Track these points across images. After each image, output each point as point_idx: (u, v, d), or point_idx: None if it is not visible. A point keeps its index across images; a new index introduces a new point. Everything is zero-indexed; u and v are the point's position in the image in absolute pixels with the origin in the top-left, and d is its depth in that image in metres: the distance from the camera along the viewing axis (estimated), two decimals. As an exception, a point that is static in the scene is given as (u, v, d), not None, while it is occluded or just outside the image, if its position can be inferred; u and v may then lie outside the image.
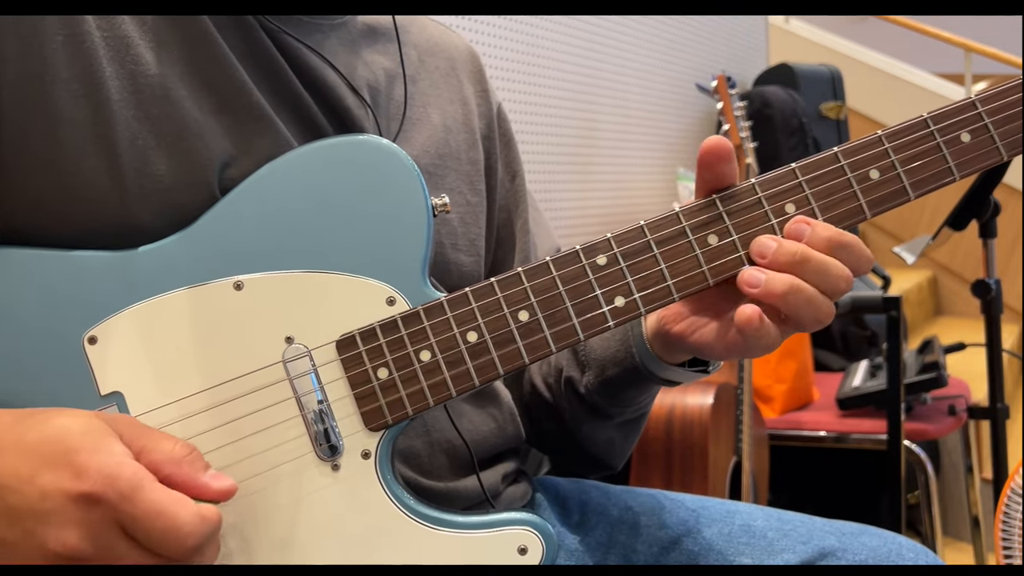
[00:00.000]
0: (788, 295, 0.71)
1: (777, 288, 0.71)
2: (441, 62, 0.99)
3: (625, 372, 0.90)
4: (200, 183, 0.74)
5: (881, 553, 0.89)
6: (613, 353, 0.91)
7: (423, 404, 0.72)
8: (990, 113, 0.76)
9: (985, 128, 0.76)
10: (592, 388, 0.94)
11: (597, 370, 0.93)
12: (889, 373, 2.16)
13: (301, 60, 0.82)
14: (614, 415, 0.97)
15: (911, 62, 5.01)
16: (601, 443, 1.01)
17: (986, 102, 0.76)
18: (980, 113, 0.76)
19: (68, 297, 0.70)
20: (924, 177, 0.76)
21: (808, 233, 0.73)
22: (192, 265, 0.72)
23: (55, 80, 0.71)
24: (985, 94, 0.77)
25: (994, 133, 0.76)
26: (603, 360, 0.93)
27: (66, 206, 0.71)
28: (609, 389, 0.93)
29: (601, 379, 0.93)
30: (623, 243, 0.75)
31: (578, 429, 1.00)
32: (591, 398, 0.95)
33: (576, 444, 1.02)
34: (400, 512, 0.72)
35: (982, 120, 0.76)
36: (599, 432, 1.00)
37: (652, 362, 0.88)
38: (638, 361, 0.89)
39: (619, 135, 3.07)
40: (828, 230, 0.73)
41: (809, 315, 0.72)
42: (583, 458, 1.04)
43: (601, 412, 0.96)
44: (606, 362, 0.92)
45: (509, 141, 1.05)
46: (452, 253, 0.91)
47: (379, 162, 0.75)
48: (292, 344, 0.72)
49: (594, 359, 0.94)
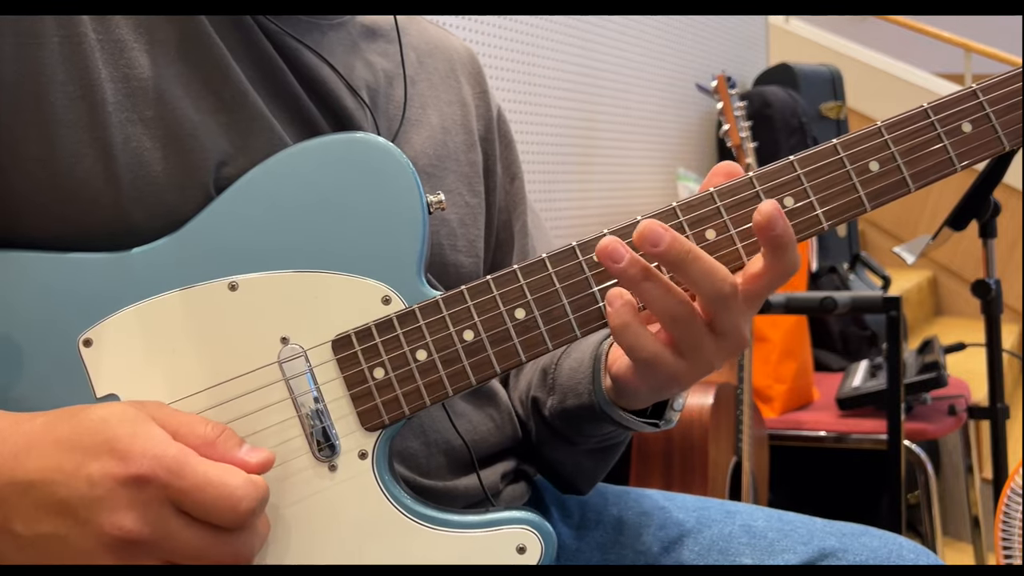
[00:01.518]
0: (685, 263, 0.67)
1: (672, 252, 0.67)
2: (440, 64, 0.99)
3: (582, 407, 0.87)
4: (196, 183, 0.74)
5: (881, 554, 0.89)
6: (575, 384, 0.88)
7: (420, 403, 0.72)
8: (992, 102, 0.75)
9: (987, 118, 0.75)
10: (554, 413, 0.92)
11: (560, 396, 0.91)
12: (889, 373, 2.16)
13: (299, 60, 0.82)
14: (578, 443, 0.93)
15: (911, 62, 5.01)
16: (568, 466, 0.98)
17: (987, 91, 0.75)
18: (982, 102, 0.75)
19: (63, 299, 0.70)
20: (924, 168, 0.74)
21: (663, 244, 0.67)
22: (186, 266, 0.72)
23: (51, 82, 0.70)
24: (986, 83, 0.75)
25: (996, 122, 0.74)
26: (566, 388, 0.89)
27: (61, 208, 0.71)
28: (569, 419, 0.90)
29: (562, 407, 0.90)
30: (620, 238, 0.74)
31: (543, 449, 0.98)
32: (553, 422, 0.93)
33: (545, 463, 1.00)
34: (398, 512, 0.72)
35: (984, 109, 0.75)
36: (565, 455, 0.97)
37: (607, 405, 0.84)
38: (594, 400, 0.85)
39: (619, 135, 3.07)
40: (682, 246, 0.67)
41: (710, 286, 0.67)
42: (554, 477, 1.01)
43: (563, 437, 0.94)
44: (568, 391, 0.89)
45: (509, 143, 1.05)
46: (451, 254, 0.91)
47: (373, 159, 0.75)
48: (288, 344, 0.72)
49: (559, 385, 0.91)
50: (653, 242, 0.66)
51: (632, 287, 0.68)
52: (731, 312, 0.69)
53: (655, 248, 0.66)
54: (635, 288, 0.67)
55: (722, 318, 0.69)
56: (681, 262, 0.67)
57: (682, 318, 0.68)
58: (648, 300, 0.68)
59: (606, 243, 0.67)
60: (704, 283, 0.67)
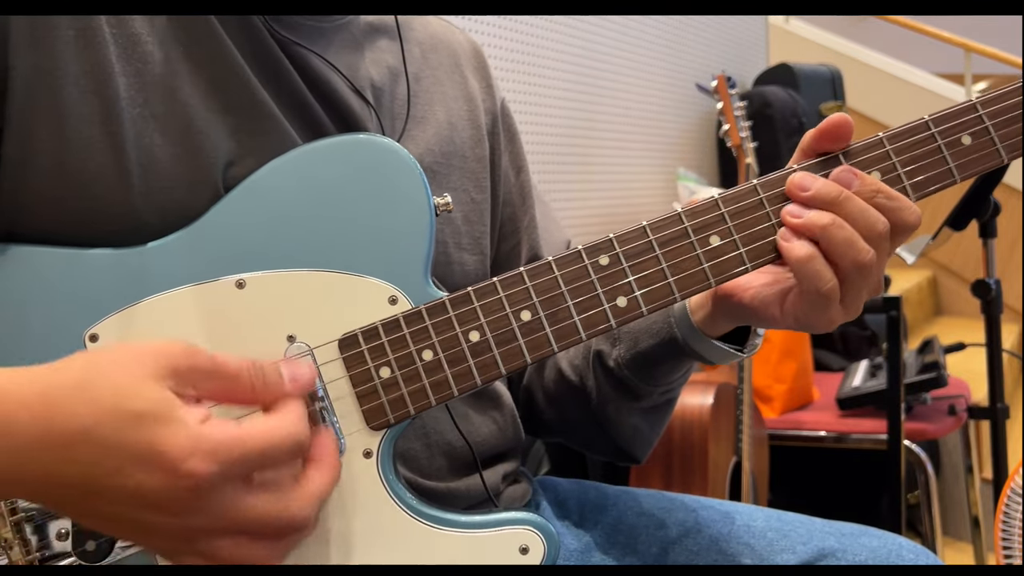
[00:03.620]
0: (830, 227, 0.72)
1: (818, 219, 0.73)
2: (444, 58, 0.99)
3: (661, 345, 0.90)
4: (205, 181, 0.74)
5: (881, 554, 0.89)
6: (650, 324, 0.90)
7: (425, 403, 0.73)
8: (991, 116, 0.77)
9: (986, 131, 0.77)
10: (623, 362, 0.93)
11: (630, 343, 0.92)
12: (889, 373, 2.16)
13: (304, 61, 0.82)
14: (642, 394, 0.95)
15: (911, 62, 5.01)
16: (626, 428, 0.99)
17: (987, 104, 0.77)
18: (981, 116, 0.77)
19: (70, 294, 0.70)
20: (925, 178, 0.76)
21: (856, 183, 0.74)
22: (194, 263, 0.72)
23: (65, 75, 0.71)
24: (986, 96, 0.77)
25: (995, 135, 0.77)
26: (637, 332, 0.91)
27: (72, 203, 0.71)
28: (641, 363, 0.92)
29: (634, 352, 0.92)
30: (625, 243, 0.75)
31: (603, 411, 0.98)
32: (620, 372, 0.93)
33: (601, 431, 1.00)
34: (402, 511, 0.72)
35: (983, 123, 0.77)
36: (624, 416, 0.98)
37: (691, 334, 0.87)
38: (676, 332, 0.88)
39: (619, 135, 3.07)
40: (875, 182, 0.74)
41: (850, 258, 0.73)
42: (608, 446, 1.02)
43: (629, 390, 0.95)
44: (640, 333, 0.91)
45: (513, 136, 1.05)
46: (456, 252, 0.91)
47: (381, 161, 0.75)
48: (294, 343, 0.72)
49: (627, 332, 0.92)
50: (802, 187, 0.74)
51: (832, 207, 0.73)
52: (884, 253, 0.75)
53: (805, 192, 0.74)
54: (835, 207, 0.73)
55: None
56: (834, 200, 0.73)
57: (877, 233, 0.73)
58: (850, 218, 0.73)
59: (795, 176, 0.75)
60: (861, 220, 0.73)
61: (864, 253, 0.73)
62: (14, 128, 0.70)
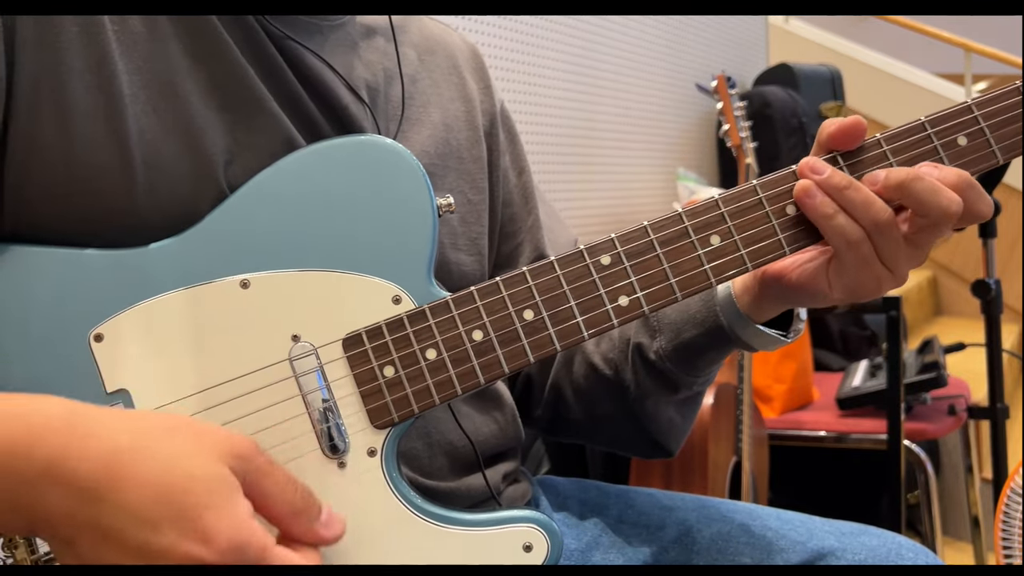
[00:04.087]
0: (847, 190, 0.74)
1: (896, 175, 0.74)
2: (441, 60, 0.99)
3: (705, 334, 0.90)
4: (207, 177, 0.74)
5: (880, 553, 0.89)
6: (693, 314, 0.90)
7: (429, 402, 0.73)
8: (986, 117, 0.78)
9: (981, 132, 0.78)
10: (664, 354, 0.92)
11: (671, 334, 0.92)
12: (889, 373, 2.16)
13: (300, 60, 0.82)
14: (682, 385, 0.94)
15: (911, 62, 5.01)
16: (663, 422, 0.99)
17: (982, 106, 0.78)
18: (976, 117, 0.78)
19: (74, 295, 0.71)
20: None
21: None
22: (198, 263, 0.72)
23: (70, 71, 0.71)
24: (981, 98, 0.78)
25: (990, 136, 0.78)
26: (679, 322, 0.91)
27: (76, 199, 0.71)
28: (684, 354, 0.92)
29: (676, 343, 0.91)
30: (627, 243, 0.76)
31: (642, 405, 0.97)
32: (662, 364, 0.93)
33: (637, 426, 0.99)
34: (406, 509, 0.72)
35: (979, 124, 0.78)
36: (661, 409, 0.97)
37: (738, 321, 0.87)
38: (722, 320, 0.88)
39: (619, 135, 3.08)
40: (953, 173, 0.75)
41: (870, 217, 0.74)
42: (642, 441, 1.01)
43: (669, 382, 0.94)
44: (683, 324, 0.91)
45: (514, 137, 1.05)
46: (452, 253, 0.91)
47: (385, 162, 0.76)
48: (298, 342, 0.72)
49: (668, 323, 0.92)
50: (817, 171, 0.75)
51: (836, 194, 0.74)
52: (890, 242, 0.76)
53: (819, 176, 0.75)
54: (838, 196, 0.74)
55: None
56: (843, 188, 0.74)
57: (884, 223, 0.74)
58: (850, 207, 0.74)
59: (807, 159, 0.76)
60: (864, 214, 0.74)
61: (882, 212, 0.74)
62: (20, 124, 0.70)
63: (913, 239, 0.76)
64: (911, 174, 0.74)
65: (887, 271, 0.76)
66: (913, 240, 0.76)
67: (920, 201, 0.73)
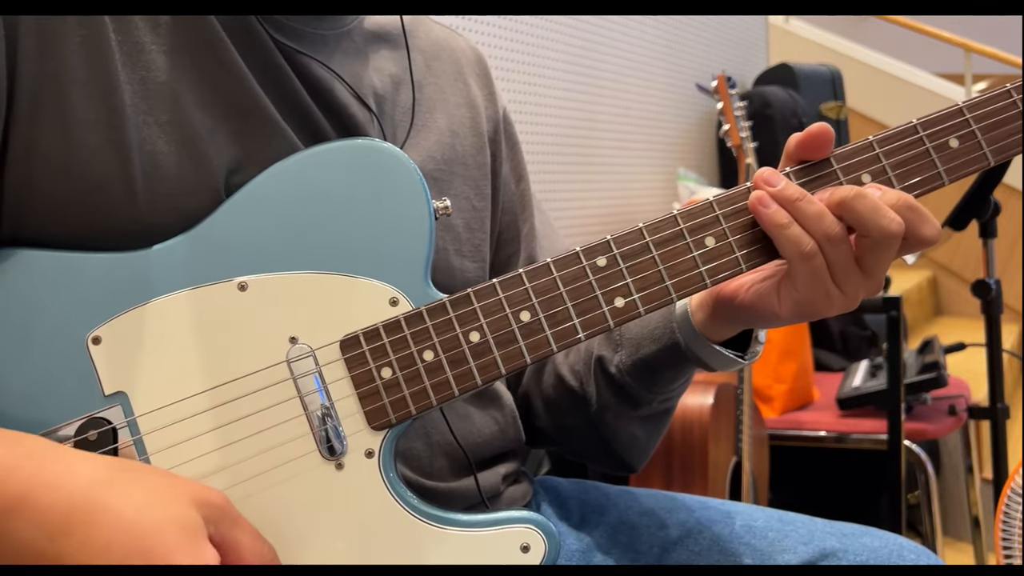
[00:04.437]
0: (800, 201, 0.74)
1: (840, 192, 0.74)
2: (447, 65, 0.99)
3: (663, 350, 0.89)
4: (208, 188, 0.74)
5: (882, 554, 0.89)
6: (652, 330, 0.90)
7: (426, 403, 0.73)
8: (977, 119, 0.78)
9: (973, 134, 0.78)
10: (624, 368, 0.93)
11: (631, 348, 0.92)
12: (889, 373, 2.16)
13: (307, 69, 0.82)
14: (642, 402, 0.95)
15: (911, 62, 5.01)
16: (624, 437, 0.99)
17: (973, 108, 0.78)
18: (968, 119, 0.78)
19: (72, 297, 0.71)
20: (914, 182, 0.78)
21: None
22: (196, 266, 0.72)
23: (72, 82, 0.71)
24: (972, 101, 0.79)
25: (981, 139, 0.78)
26: (638, 338, 0.91)
27: (76, 208, 0.71)
28: (642, 369, 0.92)
29: (635, 358, 0.92)
30: (622, 245, 0.76)
31: (603, 418, 0.98)
32: (622, 379, 0.93)
33: (599, 439, 1.00)
34: (403, 510, 0.72)
35: (970, 126, 0.78)
36: (623, 423, 0.98)
37: (694, 339, 0.87)
38: (678, 337, 0.88)
39: (619, 135, 3.07)
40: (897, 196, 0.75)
41: (821, 230, 0.74)
42: (605, 455, 1.02)
43: (629, 397, 0.94)
44: (642, 339, 0.91)
45: (515, 144, 1.05)
46: (456, 259, 0.91)
47: (381, 165, 0.76)
48: (296, 344, 0.72)
49: (629, 338, 0.92)
50: (771, 183, 0.75)
51: (788, 205, 0.74)
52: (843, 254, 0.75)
53: (773, 187, 0.75)
54: (791, 207, 0.74)
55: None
56: (796, 200, 0.74)
57: (835, 236, 0.74)
58: (803, 218, 0.74)
59: (762, 171, 0.76)
60: (816, 226, 0.74)
61: (833, 225, 0.74)
62: (21, 133, 0.70)
63: (861, 261, 0.75)
64: (853, 191, 0.73)
65: (838, 290, 0.76)
66: (861, 261, 0.75)
67: (861, 219, 0.73)
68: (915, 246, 0.76)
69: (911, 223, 0.74)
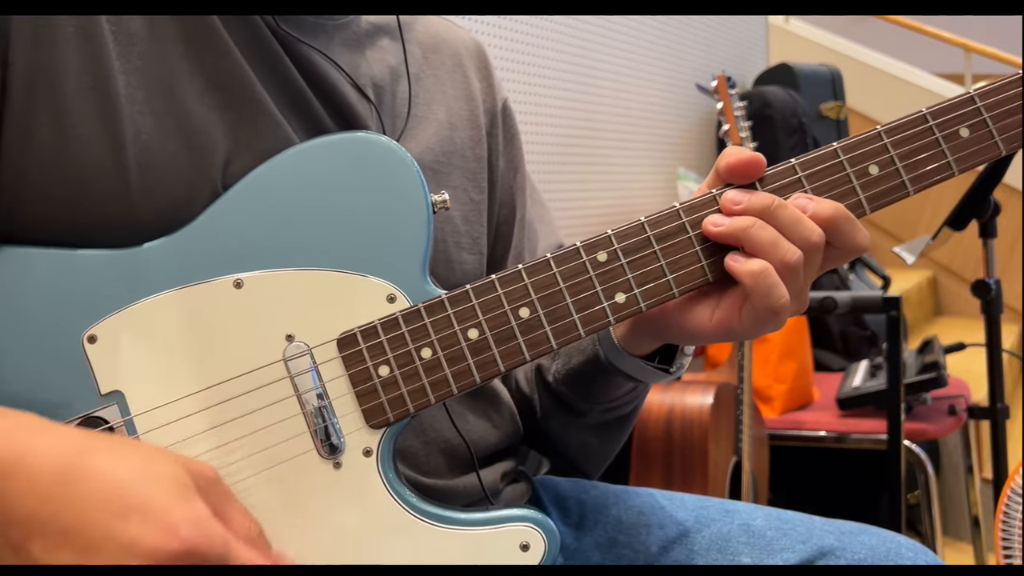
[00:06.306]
0: (776, 208, 0.72)
1: (739, 222, 0.73)
2: (447, 58, 0.99)
3: (588, 362, 0.89)
4: (203, 179, 0.74)
5: (880, 552, 0.89)
6: (580, 342, 0.88)
7: (424, 401, 0.73)
8: (988, 108, 0.77)
9: (984, 123, 0.77)
10: (559, 377, 0.93)
11: (564, 359, 0.92)
12: (889, 373, 2.16)
13: (305, 59, 0.82)
14: (583, 411, 0.94)
15: (911, 62, 5.01)
16: (573, 444, 0.98)
17: (984, 96, 0.77)
18: (979, 108, 0.77)
19: (67, 295, 0.70)
20: (923, 172, 0.76)
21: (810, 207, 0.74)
22: (192, 263, 0.72)
23: (66, 72, 0.71)
24: (983, 89, 0.77)
25: (992, 128, 0.77)
26: (570, 349, 0.91)
27: (71, 199, 0.71)
28: (574, 379, 0.91)
29: (567, 368, 0.92)
30: (623, 239, 0.75)
31: (548, 425, 0.98)
32: (557, 387, 0.93)
33: (550, 444, 1.00)
34: (402, 509, 0.72)
35: (981, 115, 0.77)
36: (571, 432, 0.97)
37: (613, 353, 0.86)
38: (599, 350, 0.87)
39: (619, 135, 3.07)
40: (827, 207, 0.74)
41: (796, 232, 0.72)
42: (562, 460, 1.01)
43: (569, 406, 0.94)
44: (572, 350, 0.91)
45: (513, 137, 1.05)
46: (455, 251, 0.91)
47: (378, 159, 0.75)
48: (293, 342, 0.72)
49: (565, 348, 0.92)
50: (735, 201, 0.74)
51: (762, 213, 0.73)
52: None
53: (736, 206, 0.73)
54: (767, 214, 0.73)
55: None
56: (767, 207, 0.73)
57: (811, 247, 0.73)
58: (783, 226, 0.72)
59: (729, 192, 0.75)
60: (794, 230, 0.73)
61: (788, 251, 0.72)
62: (14, 124, 0.70)
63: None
64: (775, 201, 0.73)
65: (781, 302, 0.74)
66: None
67: (782, 227, 0.73)
68: (847, 256, 0.76)
69: (844, 233, 0.74)
